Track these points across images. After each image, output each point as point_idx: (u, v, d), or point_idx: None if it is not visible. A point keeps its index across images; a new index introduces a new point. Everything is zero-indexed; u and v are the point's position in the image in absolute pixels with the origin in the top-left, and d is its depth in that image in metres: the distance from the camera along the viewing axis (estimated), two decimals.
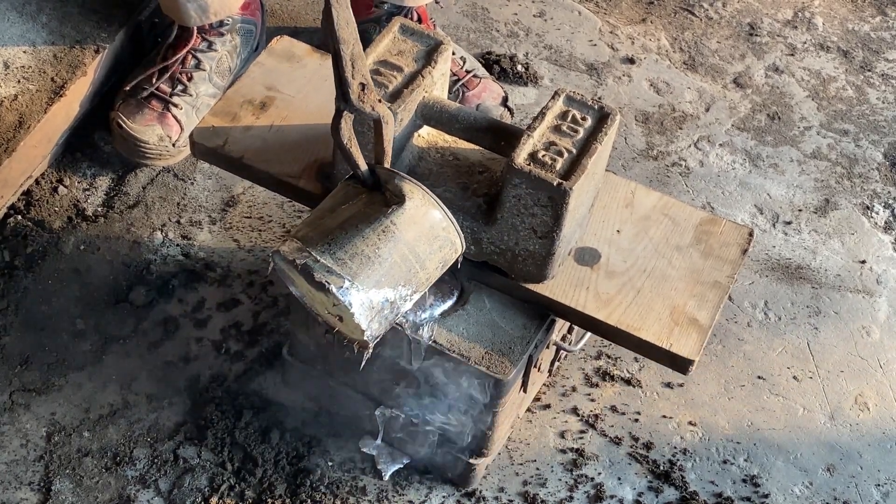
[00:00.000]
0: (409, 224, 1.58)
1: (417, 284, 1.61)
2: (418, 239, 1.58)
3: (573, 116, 1.79)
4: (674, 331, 1.84)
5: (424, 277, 1.62)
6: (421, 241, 1.59)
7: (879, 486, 2.22)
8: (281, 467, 2.12)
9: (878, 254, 2.57)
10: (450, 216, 1.61)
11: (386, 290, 1.57)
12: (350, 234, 1.56)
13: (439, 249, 1.61)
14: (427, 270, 1.61)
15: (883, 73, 2.96)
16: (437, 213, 1.59)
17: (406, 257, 1.58)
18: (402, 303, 1.60)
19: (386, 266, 1.56)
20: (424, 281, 1.62)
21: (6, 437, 2.13)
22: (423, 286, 1.63)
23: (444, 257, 1.63)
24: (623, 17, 3.01)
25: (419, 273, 1.60)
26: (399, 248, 1.56)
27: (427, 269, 1.61)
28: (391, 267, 1.56)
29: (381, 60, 1.82)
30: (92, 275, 2.35)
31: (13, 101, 2.38)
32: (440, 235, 1.60)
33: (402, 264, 1.57)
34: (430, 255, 1.60)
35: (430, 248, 1.60)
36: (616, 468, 2.19)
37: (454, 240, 1.62)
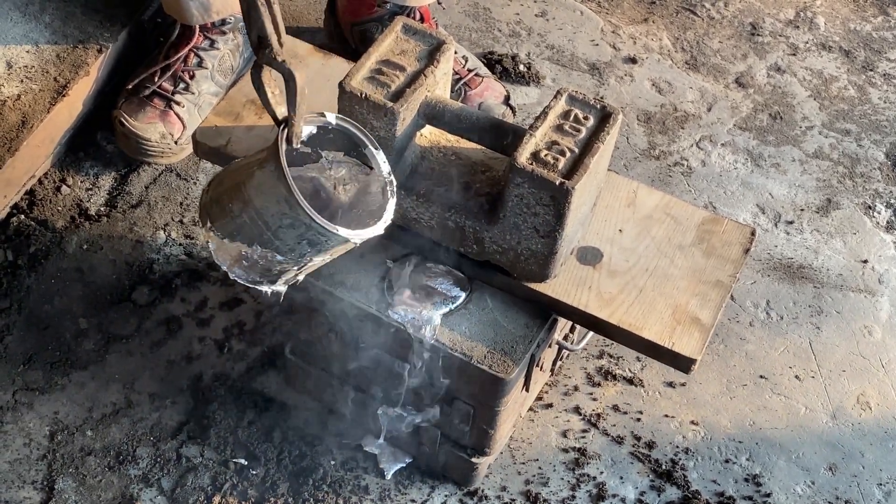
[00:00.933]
0: (256, 191, 1.60)
1: (278, 250, 1.62)
2: (265, 208, 1.59)
3: (575, 116, 1.79)
4: (676, 330, 1.84)
5: (285, 247, 1.62)
6: (268, 212, 1.59)
7: (881, 485, 2.22)
8: (283, 466, 2.12)
9: (879, 253, 2.57)
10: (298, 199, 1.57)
11: (240, 244, 1.64)
12: (226, 186, 1.65)
13: (292, 227, 1.59)
14: (285, 242, 1.61)
15: (885, 72, 2.96)
16: (282, 190, 1.57)
17: (255, 220, 1.60)
18: (266, 261, 1.64)
19: (237, 222, 1.62)
20: (287, 250, 1.62)
21: (9, 435, 2.13)
22: (291, 254, 1.63)
23: (307, 237, 1.61)
24: (625, 17, 3.01)
25: (274, 241, 1.61)
26: (248, 210, 1.60)
27: (284, 240, 1.61)
28: (242, 225, 1.62)
29: (384, 60, 1.82)
30: (95, 274, 2.35)
31: (16, 100, 2.39)
32: (287, 213, 1.58)
33: (252, 226, 1.61)
34: (282, 228, 1.60)
35: (279, 221, 1.59)
36: (618, 467, 2.19)
37: (308, 223, 1.58)
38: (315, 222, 1.58)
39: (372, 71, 1.80)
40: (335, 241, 1.62)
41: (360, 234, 1.64)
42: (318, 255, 1.66)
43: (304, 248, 1.63)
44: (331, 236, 1.61)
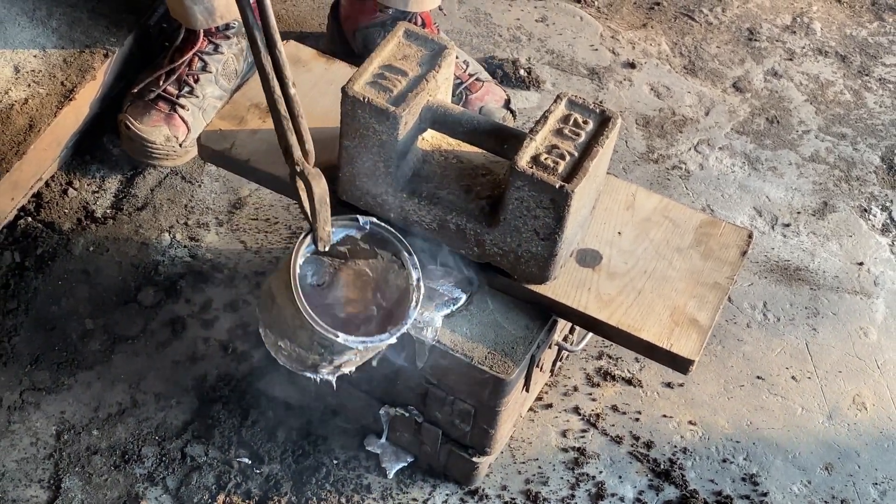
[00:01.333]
0: (278, 291, 1.68)
1: (301, 347, 1.70)
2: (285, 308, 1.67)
3: (575, 120, 1.79)
4: (674, 331, 1.84)
5: (304, 345, 1.69)
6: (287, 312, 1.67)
7: (877, 484, 2.22)
8: (287, 465, 2.12)
9: (875, 256, 2.57)
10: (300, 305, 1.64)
11: (276, 336, 1.73)
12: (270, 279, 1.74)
13: (303, 328, 1.66)
14: (302, 340, 1.68)
15: (880, 77, 2.96)
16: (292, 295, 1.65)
17: (281, 317, 1.69)
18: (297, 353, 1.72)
19: (272, 316, 1.71)
20: (307, 348, 1.69)
21: (17, 435, 2.13)
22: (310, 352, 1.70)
23: (316, 339, 1.67)
24: (624, 23, 3.01)
25: (296, 338, 1.69)
26: (276, 306, 1.70)
27: (301, 339, 1.68)
28: (274, 319, 1.71)
29: (387, 65, 1.82)
30: (101, 276, 2.36)
31: (24, 104, 2.39)
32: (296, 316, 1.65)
33: (280, 322, 1.70)
34: (297, 329, 1.67)
35: (293, 321, 1.67)
36: (617, 467, 2.19)
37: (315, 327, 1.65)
38: (316, 328, 1.64)
39: (374, 76, 1.80)
40: (341, 346, 1.66)
41: (363, 341, 1.68)
42: (337, 355, 1.70)
43: (319, 349, 1.68)
44: (335, 342, 1.65)
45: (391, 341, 1.69)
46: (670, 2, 3.07)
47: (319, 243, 1.68)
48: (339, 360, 1.71)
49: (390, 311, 1.81)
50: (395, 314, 1.78)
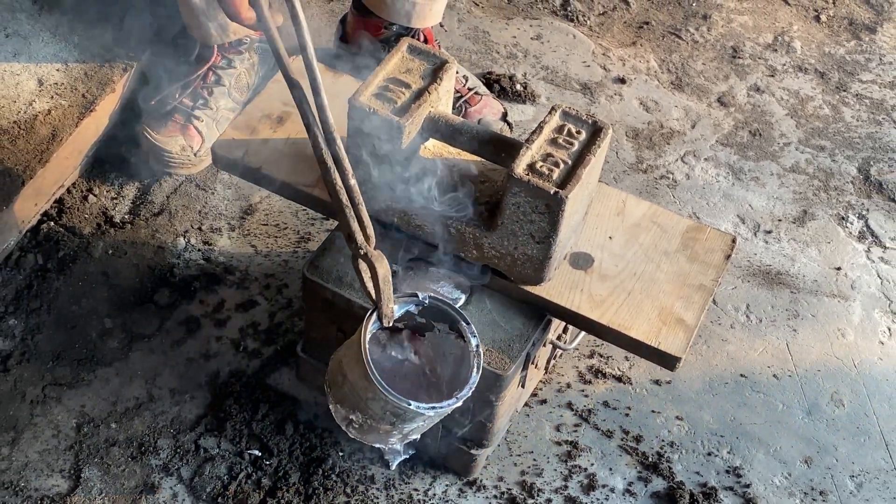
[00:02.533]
0: (349, 367, 1.69)
1: (372, 418, 1.70)
2: (356, 382, 1.67)
3: (569, 130, 1.80)
4: (662, 330, 1.85)
5: (377, 416, 1.69)
6: (359, 386, 1.67)
7: (854, 476, 2.22)
8: (295, 457, 2.13)
9: (852, 261, 2.58)
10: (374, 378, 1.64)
11: (347, 409, 1.73)
12: (337, 356, 1.76)
13: (375, 400, 1.66)
14: (374, 412, 1.68)
15: (857, 93, 2.97)
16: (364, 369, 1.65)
17: (353, 390, 1.69)
18: (367, 425, 1.73)
19: (343, 391, 1.71)
20: (379, 419, 1.70)
21: (39, 428, 2.14)
22: (385, 421, 1.70)
23: (389, 409, 1.67)
24: (615, 41, 3.03)
25: (367, 410, 1.69)
26: (347, 381, 1.69)
27: (374, 410, 1.68)
28: (345, 394, 1.71)
29: (391, 77, 1.83)
30: (119, 277, 2.36)
31: (47, 115, 2.40)
32: (369, 388, 1.65)
33: (351, 395, 1.69)
34: (370, 401, 1.67)
35: (366, 394, 1.67)
36: (608, 459, 2.20)
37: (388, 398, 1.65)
38: (390, 398, 1.64)
39: (379, 88, 1.81)
40: (413, 413, 1.67)
41: (433, 407, 1.68)
42: (408, 423, 1.70)
43: (391, 418, 1.68)
44: (407, 410, 1.65)
45: (458, 405, 1.71)
46: (658, 21, 3.09)
47: (384, 320, 1.70)
48: (408, 428, 1.72)
49: (446, 380, 1.83)
50: (454, 381, 1.80)
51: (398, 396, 1.64)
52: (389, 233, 1.91)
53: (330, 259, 1.94)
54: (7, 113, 2.38)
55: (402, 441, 1.79)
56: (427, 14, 2.58)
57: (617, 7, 3.11)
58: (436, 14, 2.59)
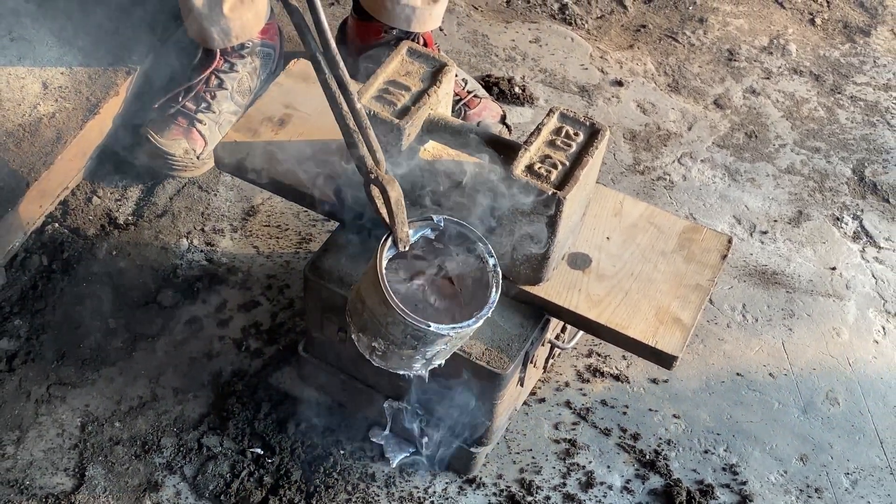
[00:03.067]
0: (367, 293, 1.68)
1: (394, 343, 1.69)
2: (375, 308, 1.66)
3: (567, 132, 1.80)
4: (659, 329, 1.85)
5: (398, 341, 1.67)
6: (378, 312, 1.66)
7: (848, 474, 2.22)
8: (297, 455, 2.13)
9: (847, 261, 2.58)
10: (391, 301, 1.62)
11: (370, 338, 1.71)
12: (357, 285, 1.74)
13: (394, 324, 1.65)
14: (395, 336, 1.66)
15: (852, 95, 2.97)
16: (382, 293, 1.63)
17: (373, 318, 1.68)
18: (392, 352, 1.71)
19: (364, 319, 1.70)
20: (400, 343, 1.68)
21: (44, 426, 2.14)
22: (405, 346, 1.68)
23: (409, 332, 1.65)
24: (612, 44, 3.03)
25: (389, 335, 1.67)
26: (367, 309, 1.68)
27: (394, 335, 1.66)
28: (366, 322, 1.69)
29: (391, 80, 1.83)
30: (123, 278, 2.36)
31: (51, 118, 2.40)
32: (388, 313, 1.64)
33: (372, 322, 1.68)
34: (389, 325, 1.65)
35: (385, 319, 1.65)
36: (606, 457, 2.20)
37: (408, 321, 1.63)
38: (408, 320, 1.62)
39: (380, 90, 1.81)
40: (433, 335, 1.65)
41: (453, 327, 1.66)
42: (429, 346, 1.68)
43: (413, 342, 1.67)
44: (427, 332, 1.64)
45: (478, 325, 1.68)
46: (655, 24, 3.09)
47: (400, 244, 1.67)
48: (431, 352, 1.69)
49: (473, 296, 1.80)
50: (473, 303, 1.77)
51: (416, 318, 1.62)
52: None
53: (331, 259, 1.94)
54: (12, 116, 2.39)
55: (426, 366, 1.75)
56: (427, 18, 2.58)
57: (614, 11, 3.11)
58: (435, 18, 2.59)
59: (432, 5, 2.55)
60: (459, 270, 1.80)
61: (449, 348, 1.73)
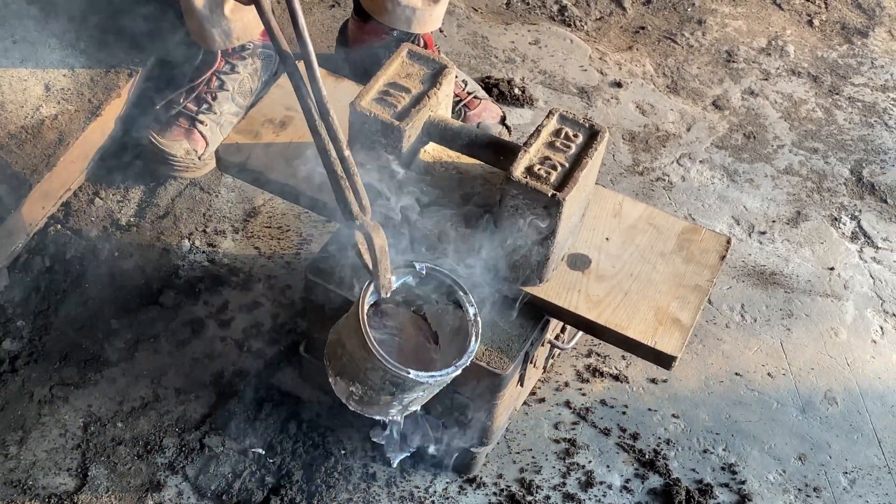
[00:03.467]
0: (348, 338, 1.67)
1: (371, 389, 1.68)
2: (355, 352, 1.66)
3: (566, 133, 1.80)
4: (658, 330, 1.85)
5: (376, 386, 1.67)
6: (357, 356, 1.66)
7: (847, 473, 2.22)
8: (298, 455, 2.13)
9: (845, 261, 2.58)
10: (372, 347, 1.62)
11: (347, 382, 1.71)
12: (336, 328, 1.74)
13: (373, 370, 1.64)
14: (374, 381, 1.66)
15: (850, 96, 2.97)
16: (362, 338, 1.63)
17: (351, 361, 1.67)
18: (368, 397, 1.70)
19: (342, 363, 1.70)
20: (378, 389, 1.67)
21: (47, 427, 2.14)
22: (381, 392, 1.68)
23: (388, 378, 1.65)
24: (611, 45, 3.03)
25: (367, 380, 1.67)
26: (346, 353, 1.68)
27: (372, 380, 1.66)
28: (344, 365, 1.69)
29: (391, 82, 1.83)
30: (125, 279, 2.37)
31: (54, 120, 2.40)
32: (368, 359, 1.64)
33: (350, 366, 1.68)
34: (369, 371, 1.65)
35: (364, 364, 1.65)
36: (605, 457, 2.20)
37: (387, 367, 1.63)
38: (388, 366, 1.63)
39: (380, 92, 1.81)
40: (412, 382, 1.65)
41: (432, 375, 1.67)
42: (407, 392, 1.69)
43: (391, 388, 1.67)
44: (406, 378, 1.64)
45: (457, 374, 1.70)
46: (654, 26, 3.09)
47: (382, 291, 1.68)
48: (408, 399, 1.71)
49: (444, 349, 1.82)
50: (451, 350, 1.79)
51: (396, 365, 1.62)
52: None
53: (332, 261, 1.94)
54: (14, 118, 2.39)
55: (402, 413, 1.77)
56: (427, 19, 2.58)
57: (613, 12, 3.11)
58: (436, 19, 2.60)
59: (433, 6, 2.56)
60: (439, 317, 1.81)
61: (426, 395, 1.74)
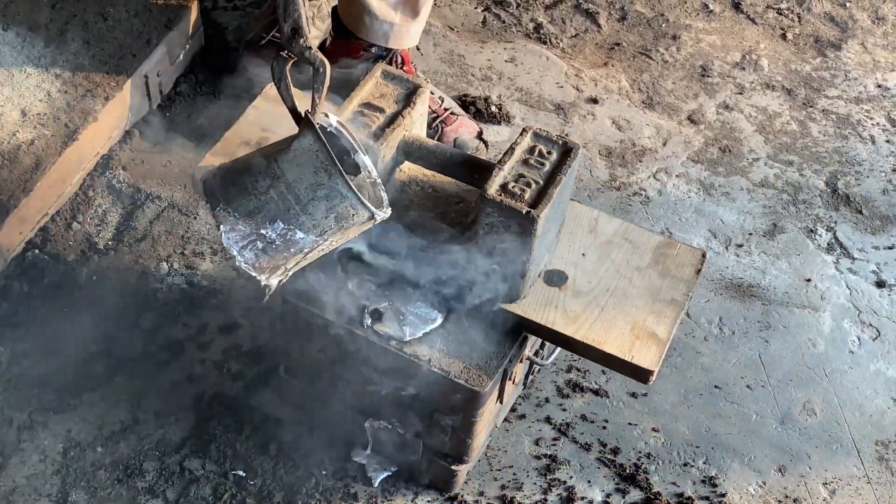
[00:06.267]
0: (290, 165, 1.54)
1: (301, 227, 1.55)
2: (298, 181, 1.53)
3: (540, 151, 1.82)
4: (635, 344, 1.86)
5: (310, 223, 1.55)
6: (303, 184, 1.53)
7: (826, 484, 2.23)
8: (279, 477, 2.12)
9: (821, 273, 2.60)
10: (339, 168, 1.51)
11: (260, 223, 1.55)
12: (244, 167, 1.57)
13: (326, 199, 1.53)
14: (312, 217, 1.54)
15: (823, 108, 3.00)
16: (322, 158, 1.51)
17: (284, 195, 1.54)
18: (283, 241, 1.56)
19: (261, 199, 1.55)
20: (311, 227, 1.55)
21: (26, 453, 2.13)
22: (313, 231, 1.56)
23: (337, 210, 1.54)
24: (587, 62, 3.05)
25: (300, 216, 1.54)
26: (277, 184, 1.53)
27: (312, 214, 1.53)
28: (267, 201, 1.54)
29: (365, 103, 1.84)
30: (103, 302, 2.36)
31: (30, 145, 2.40)
32: (325, 184, 1.53)
33: (279, 201, 1.55)
34: (314, 201, 1.53)
35: (312, 193, 1.53)
36: (586, 472, 2.20)
37: (344, 193, 1.52)
38: (351, 191, 1.52)
39: (354, 113, 1.82)
40: (361, 216, 1.56)
41: (382, 212, 1.61)
42: (337, 233, 1.58)
43: (329, 224, 1.56)
44: (360, 209, 1.56)
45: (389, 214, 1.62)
46: (629, 42, 3.11)
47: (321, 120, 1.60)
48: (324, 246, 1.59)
49: None
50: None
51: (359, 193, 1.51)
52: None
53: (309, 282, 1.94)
54: None
55: (284, 276, 1.63)
56: (405, 35, 2.59)
57: (588, 29, 3.13)
58: (413, 36, 2.61)
59: (410, 22, 2.57)
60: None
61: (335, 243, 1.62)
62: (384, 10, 2.53)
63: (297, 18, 1.56)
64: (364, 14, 2.55)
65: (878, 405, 2.37)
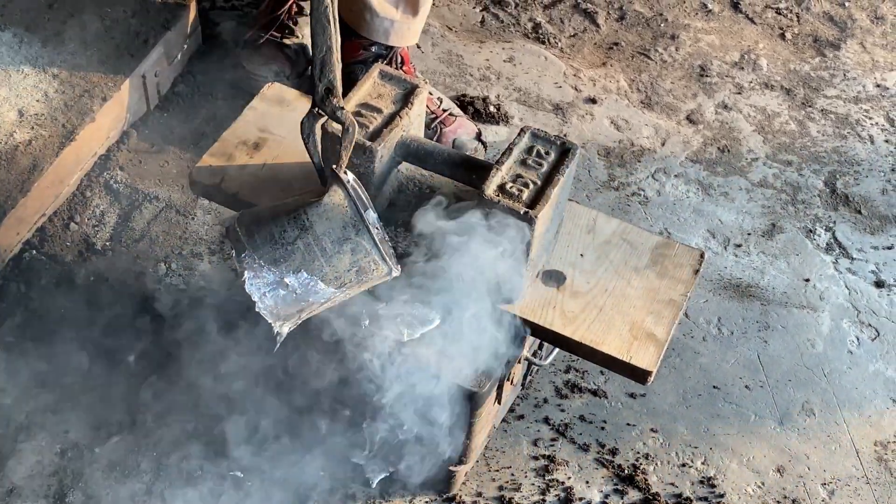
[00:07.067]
0: (319, 218, 1.59)
1: (324, 278, 1.60)
2: (326, 234, 1.58)
3: (538, 151, 1.81)
4: (633, 345, 1.86)
5: (333, 275, 1.60)
6: (329, 237, 1.58)
7: (825, 484, 2.23)
8: (277, 478, 2.12)
9: (820, 273, 2.60)
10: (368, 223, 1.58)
11: (284, 270, 1.59)
12: (270, 216, 1.62)
13: (351, 252, 1.59)
14: (335, 269, 1.59)
15: (822, 108, 3.00)
16: (351, 214, 1.57)
17: (310, 246, 1.58)
18: (304, 290, 1.61)
19: (288, 249, 1.59)
20: (333, 279, 1.60)
21: (24, 454, 2.13)
22: (334, 283, 1.61)
23: (360, 264, 1.60)
24: (585, 62, 3.05)
25: (325, 267, 1.59)
26: (305, 236, 1.58)
27: (335, 267, 1.58)
28: (292, 251, 1.59)
29: (363, 103, 1.84)
30: (101, 304, 2.36)
31: (27, 145, 2.40)
32: (352, 238, 1.58)
33: (305, 252, 1.59)
34: (339, 254, 1.59)
35: (339, 247, 1.59)
36: (584, 473, 2.21)
37: (369, 248, 1.58)
38: (376, 247, 1.59)
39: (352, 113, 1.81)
40: (380, 271, 1.63)
41: (396, 269, 1.67)
42: (354, 286, 1.65)
43: (350, 277, 1.62)
44: (381, 264, 1.62)
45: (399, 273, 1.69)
46: (627, 42, 3.11)
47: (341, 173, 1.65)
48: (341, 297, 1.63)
49: None
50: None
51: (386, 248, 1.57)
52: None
53: None
54: None
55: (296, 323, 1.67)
56: (405, 33, 2.60)
57: (587, 29, 3.13)
58: (413, 34, 2.61)
59: (411, 20, 2.57)
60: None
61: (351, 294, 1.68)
62: (385, 7, 2.53)
63: (333, 80, 1.63)
64: (365, 11, 2.55)
65: (877, 405, 2.37)
